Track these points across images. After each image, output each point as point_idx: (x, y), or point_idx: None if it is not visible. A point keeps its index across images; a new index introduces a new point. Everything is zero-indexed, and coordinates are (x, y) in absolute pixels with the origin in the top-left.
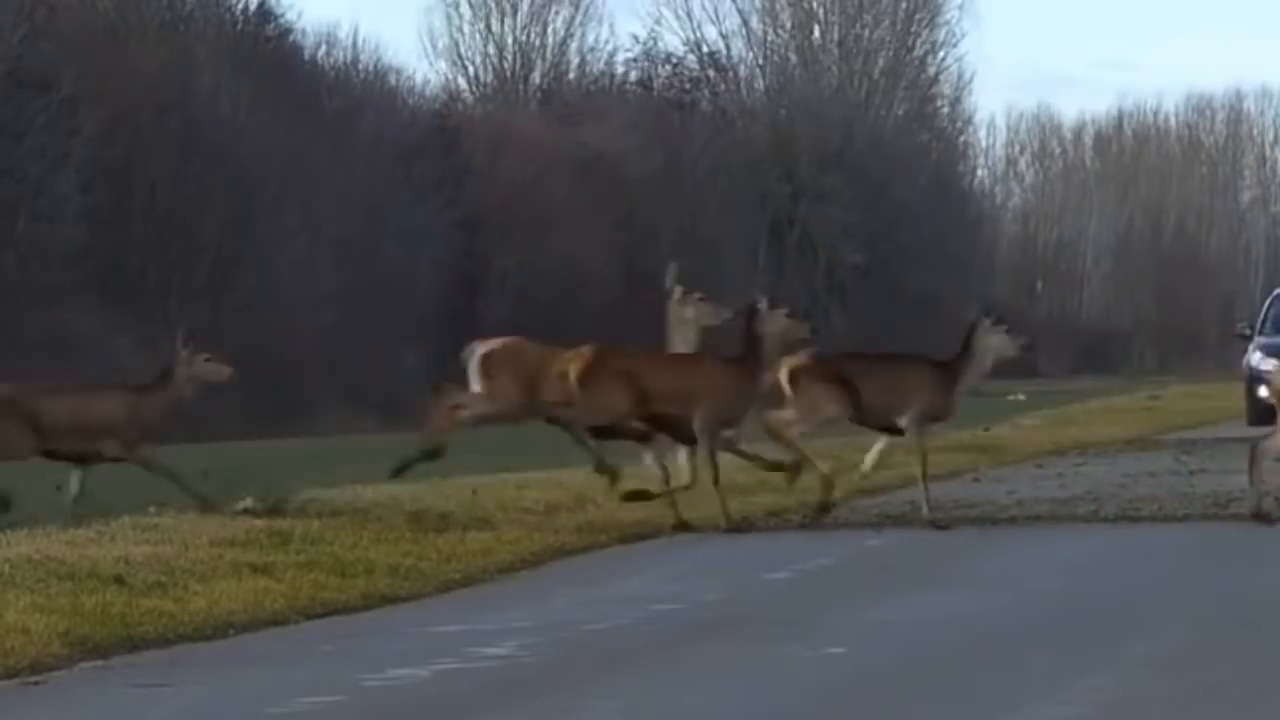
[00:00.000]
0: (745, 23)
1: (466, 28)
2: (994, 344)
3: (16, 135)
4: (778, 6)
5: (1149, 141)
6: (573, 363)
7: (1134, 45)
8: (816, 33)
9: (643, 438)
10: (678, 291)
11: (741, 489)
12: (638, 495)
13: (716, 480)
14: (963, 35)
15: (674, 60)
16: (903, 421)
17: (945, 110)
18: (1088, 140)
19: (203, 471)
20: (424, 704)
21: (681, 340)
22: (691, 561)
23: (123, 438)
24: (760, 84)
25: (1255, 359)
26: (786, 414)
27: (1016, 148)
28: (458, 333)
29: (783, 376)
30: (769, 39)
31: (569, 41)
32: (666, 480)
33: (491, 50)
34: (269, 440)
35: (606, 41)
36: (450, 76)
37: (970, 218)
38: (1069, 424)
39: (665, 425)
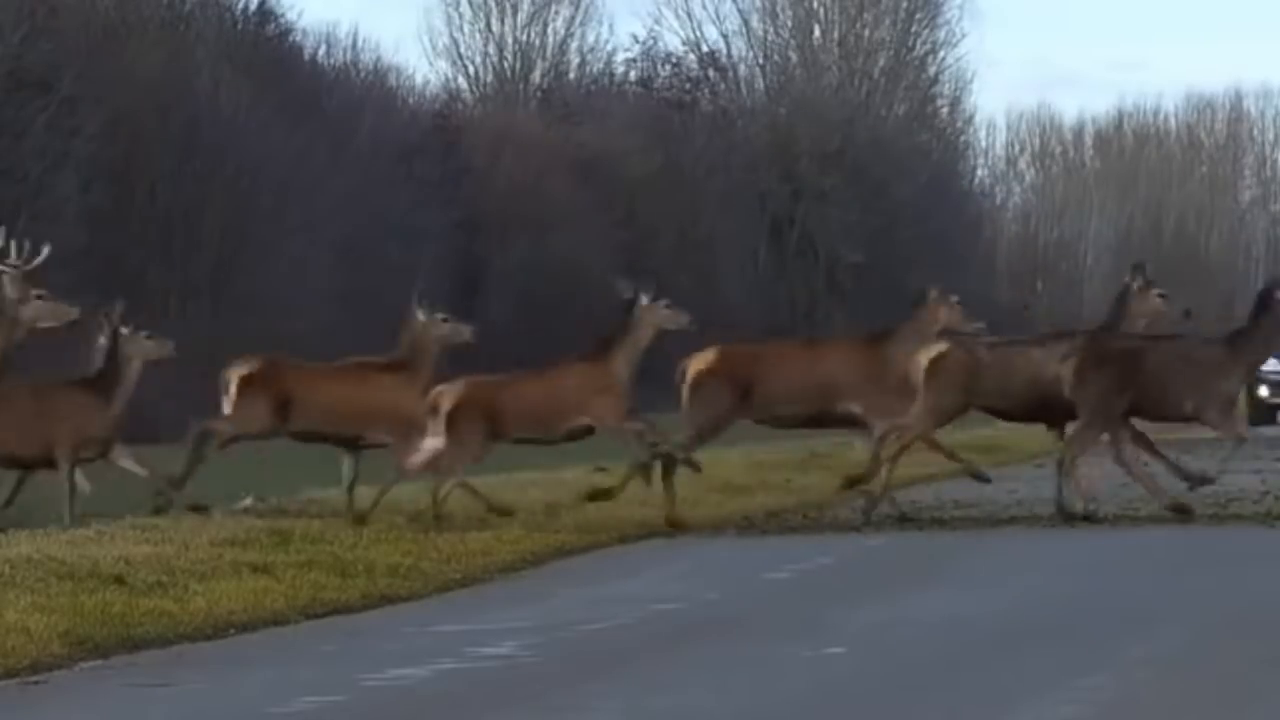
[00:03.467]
0: (745, 22)
1: (466, 27)
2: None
3: (16, 135)
4: (778, 6)
5: (1149, 141)
6: None
7: (1134, 45)
8: (816, 32)
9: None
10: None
11: (741, 489)
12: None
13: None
14: (963, 35)
15: (674, 60)
16: None
17: (945, 110)
18: (1088, 140)
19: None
20: (424, 704)
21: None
22: (691, 561)
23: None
24: (760, 84)
25: None
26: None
27: (1016, 147)
28: None
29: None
30: (769, 39)
31: (569, 41)
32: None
33: (491, 50)
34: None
35: (606, 41)
36: (450, 76)
37: (970, 218)
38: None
39: None
